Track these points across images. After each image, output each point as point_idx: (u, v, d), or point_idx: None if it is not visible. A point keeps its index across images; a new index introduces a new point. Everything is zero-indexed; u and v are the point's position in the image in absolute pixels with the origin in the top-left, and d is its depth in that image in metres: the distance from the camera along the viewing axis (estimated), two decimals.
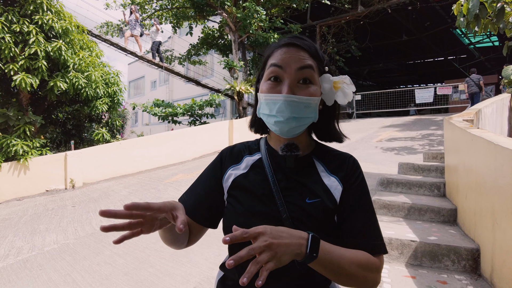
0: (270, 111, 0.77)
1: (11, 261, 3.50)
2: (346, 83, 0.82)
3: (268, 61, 0.81)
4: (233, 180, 0.84)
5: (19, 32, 7.15)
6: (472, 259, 2.35)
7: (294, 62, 0.76)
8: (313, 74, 0.78)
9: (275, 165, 0.84)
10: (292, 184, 0.80)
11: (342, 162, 0.85)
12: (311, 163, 0.85)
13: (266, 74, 0.80)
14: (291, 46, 0.79)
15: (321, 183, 0.81)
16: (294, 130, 0.79)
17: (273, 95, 0.76)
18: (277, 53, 0.79)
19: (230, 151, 0.92)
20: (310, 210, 0.76)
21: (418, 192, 3.76)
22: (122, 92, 10.01)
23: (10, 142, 6.92)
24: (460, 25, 4.02)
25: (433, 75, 24.31)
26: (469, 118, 3.96)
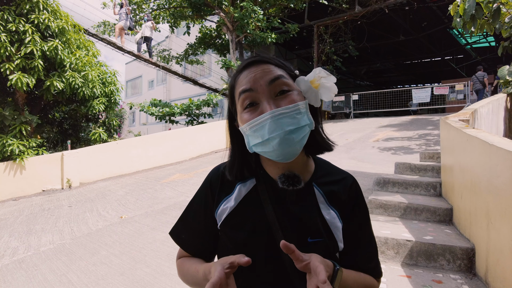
0: (262, 137, 0.67)
1: (6, 262, 3.48)
2: (323, 77, 0.75)
3: (235, 92, 0.74)
4: (226, 216, 0.77)
5: (15, 31, 7.11)
6: (467, 258, 2.36)
7: (261, 78, 0.70)
8: (287, 82, 0.71)
9: (272, 195, 0.75)
10: (291, 220, 0.73)
11: (342, 190, 0.79)
12: (311, 192, 0.77)
13: (240, 104, 0.72)
14: (250, 65, 0.73)
15: (321, 218, 0.75)
16: (295, 146, 0.68)
17: (257, 119, 0.68)
18: (240, 78, 0.73)
19: (220, 178, 0.82)
20: (312, 250, 0.68)
21: (414, 192, 3.78)
22: (119, 91, 9.98)
23: (6, 142, 6.88)
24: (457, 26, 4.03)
25: (430, 75, 24.39)
26: (465, 118, 3.98)
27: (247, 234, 0.73)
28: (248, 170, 0.80)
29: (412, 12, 14.04)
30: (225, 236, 0.77)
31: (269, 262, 0.72)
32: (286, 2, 12.32)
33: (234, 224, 0.76)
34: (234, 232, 0.75)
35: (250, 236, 0.73)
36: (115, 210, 5.08)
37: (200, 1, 11.97)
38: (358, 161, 6.41)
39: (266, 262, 0.72)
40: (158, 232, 3.98)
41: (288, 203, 0.75)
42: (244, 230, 0.74)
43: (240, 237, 0.74)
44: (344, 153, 7.30)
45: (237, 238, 0.74)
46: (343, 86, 23.02)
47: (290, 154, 0.69)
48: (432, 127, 9.58)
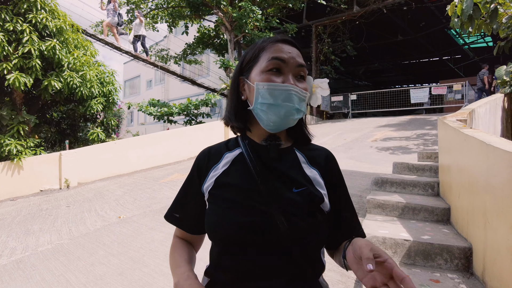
0: (274, 100, 0.77)
1: (4, 262, 3.47)
2: (321, 88, 0.88)
3: (263, 54, 0.81)
4: (215, 179, 0.82)
5: (12, 30, 7.08)
6: (464, 257, 2.37)
7: (294, 59, 0.80)
8: (306, 73, 0.83)
9: (257, 157, 0.82)
10: (276, 174, 0.80)
11: (322, 156, 0.89)
12: (293, 154, 0.86)
13: (265, 65, 0.79)
14: (289, 43, 0.83)
15: (304, 173, 0.82)
16: (289, 122, 0.80)
17: (279, 85, 0.77)
18: (275, 47, 0.81)
19: (207, 153, 0.89)
20: (298, 199, 0.76)
21: (412, 192, 3.79)
22: (117, 91, 9.96)
23: (4, 142, 6.86)
24: (455, 26, 4.05)
25: (428, 75, 24.46)
26: (462, 118, 3.99)
27: (234, 191, 0.78)
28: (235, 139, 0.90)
29: (410, 12, 14.08)
30: (214, 198, 0.80)
31: (256, 214, 0.74)
32: (285, 2, 12.33)
33: (222, 184, 0.81)
34: (222, 191, 0.80)
35: (237, 192, 0.78)
36: (113, 210, 5.07)
37: (198, 1, 11.97)
38: (356, 161, 6.43)
39: (253, 214, 0.74)
40: (157, 232, 3.97)
41: (272, 161, 0.82)
42: (232, 187, 0.79)
43: (228, 194, 0.78)
44: (342, 152, 7.31)
45: (225, 195, 0.79)
46: (341, 86, 23.04)
47: (282, 125, 0.80)
48: (430, 127, 9.61)
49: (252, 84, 0.81)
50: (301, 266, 0.74)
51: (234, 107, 0.88)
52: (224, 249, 0.77)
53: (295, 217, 0.73)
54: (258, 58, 0.82)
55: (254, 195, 0.76)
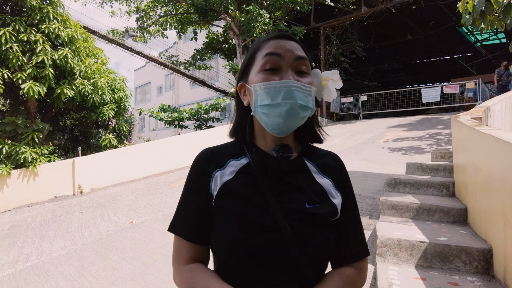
0: (273, 99, 0.70)
1: (20, 267, 3.53)
2: (332, 80, 0.81)
3: (257, 54, 0.77)
4: (220, 187, 0.74)
5: (26, 41, 7.27)
6: (484, 260, 2.30)
7: (291, 51, 0.74)
8: (309, 66, 0.76)
9: (266, 169, 0.75)
10: (288, 189, 0.74)
11: (332, 163, 0.83)
12: (303, 164, 0.79)
13: (260, 64, 0.74)
14: (283, 38, 0.77)
15: (317, 184, 0.77)
16: (296, 121, 0.72)
17: (275, 82, 0.70)
18: (270, 44, 0.75)
19: (209, 155, 0.80)
20: (311, 217, 0.71)
21: (426, 192, 3.70)
22: (128, 98, 10.10)
23: (19, 150, 7.01)
24: (466, 23, 3.96)
25: (439, 74, 24.10)
26: (477, 116, 3.90)
27: (243, 204, 0.71)
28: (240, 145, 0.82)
29: (419, 11, 13.91)
30: (220, 210, 0.73)
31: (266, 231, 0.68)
32: (292, 5, 12.32)
33: (229, 194, 0.73)
34: (229, 202, 0.72)
35: (246, 207, 0.70)
36: (125, 215, 5.11)
37: (206, 7, 12.06)
38: (368, 162, 6.34)
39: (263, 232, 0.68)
40: (169, 237, 3.98)
41: (282, 173, 0.75)
42: (239, 201, 0.71)
43: (236, 206, 0.71)
44: (353, 154, 7.23)
45: (232, 209, 0.71)
46: (351, 87, 22.87)
47: (289, 125, 0.72)
48: (443, 126, 9.43)
49: (250, 87, 0.76)
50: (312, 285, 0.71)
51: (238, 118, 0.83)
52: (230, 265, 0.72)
53: (306, 236, 0.69)
54: (254, 58, 0.77)
55: (262, 212, 0.70)
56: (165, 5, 14.28)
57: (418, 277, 2.26)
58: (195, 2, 11.74)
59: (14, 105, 8.57)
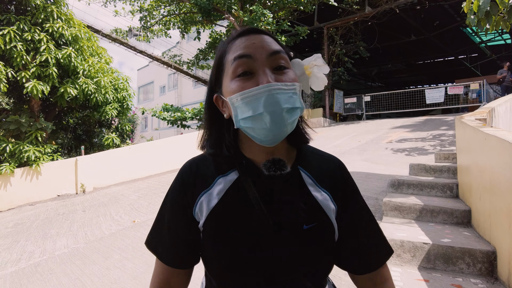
0: (254, 110, 0.60)
1: (23, 265, 3.54)
2: (317, 65, 0.72)
3: (225, 58, 0.67)
4: (210, 213, 0.67)
5: (30, 40, 7.30)
6: (488, 262, 2.28)
7: (262, 48, 0.64)
8: (286, 59, 0.67)
9: (257, 185, 0.68)
10: (282, 207, 0.67)
11: (331, 170, 0.74)
12: (297, 175, 0.71)
13: (231, 71, 0.64)
14: (249, 32, 0.67)
15: (313, 200, 0.69)
16: (287, 127, 0.63)
17: (253, 89, 0.61)
18: (236, 44, 0.66)
19: (194, 173, 0.72)
20: (309, 239, 0.65)
21: (430, 193, 3.68)
22: (131, 97, 10.13)
23: (23, 148, 7.04)
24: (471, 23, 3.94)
25: (443, 75, 23.98)
26: (481, 117, 3.87)
27: (236, 229, 0.65)
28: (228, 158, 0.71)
29: (424, 11, 13.84)
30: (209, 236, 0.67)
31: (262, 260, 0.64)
32: (296, 5, 12.30)
33: (219, 222, 0.66)
34: (221, 226, 0.65)
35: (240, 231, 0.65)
36: (128, 215, 5.12)
37: (209, 6, 12.08)
38: (371, 163, 6.31)
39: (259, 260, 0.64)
40: None
41: (276, 191, 0.68)
42: (232, 224, 0.65)
43: (228, 231, 0.65)
44: (356, 155, 7.20)
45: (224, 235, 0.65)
46: (354, 87, 22.80)
47: (279, 135, 0.63)
48: (447, 128, 9.38)
49: (226, 99, 0.66)
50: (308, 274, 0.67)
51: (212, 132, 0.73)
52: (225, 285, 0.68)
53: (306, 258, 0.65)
54: (222, 65, 0.68)
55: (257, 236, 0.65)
56: (169, 5, 14.32)
57: (421, 279, 2.24)
58: (198, 1, 11.75)
59: (18, 104, 8.61)
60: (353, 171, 5.73)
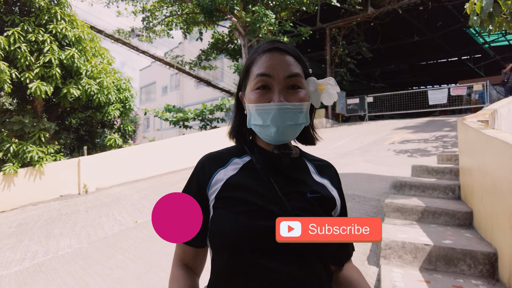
0: (263, 121, 0.75)
1: (27, 265, 3.57)
2: (330, 84, 0.83)
3: (251, 69, 0.79)
4: (225, 182, 0.76)
5: (34, 41, 7.35)
6: (489, 263, 2.28)
7: (281, 70, 0.75)
8: (301, 80, 0.77)
9: (268, 165, 0.79)
10: (289, 181, 0.78)
11: (327, 169, 0.88)
12: (303, 163, 0.85)
13: (253, 83, 0.77)
14: (275, 51, 0.77)
15: (315, 181, 0.81)
16: (289, 137, 0.77)
17: (265, 105, 0.74)
18: (261, 60, 0.77)
19: (212, 156, 0.84)
20: (313, 204, 0.75)
21: (432, 195, 3.68)
22: (133, 97, 10.16)
23: (26, 149, 7.09)
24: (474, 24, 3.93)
25: (446, 76, 23.90)
26: (484, 119, 3.87)
27: (247, 194, 0.74)
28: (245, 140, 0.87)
29: (427, 12, 13.82)
30: (223, 201, 0.74)
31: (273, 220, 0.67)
32: (298, 5, 12.31)
33: (233, 186, 0.76)
34: (234, 193, 0.74)
35: (251, 195, 0.73)
36: (130, 215, 5.14)
37: (212, 7, 12.10)
38: (373, 164, 6.31)
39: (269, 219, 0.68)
40: None
41: (284, 168, 0.79)
42: (244, 190, 0.74)
43: (241, 196, 0.73)
44: (359, 156, 7.20)
45: (237, 197, 0.73)
46: (357, 88, 22.77)
47: (283, 141, 0.78)
48: (449, 129, 9.36)
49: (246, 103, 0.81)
50: (317, 271, 0.72)
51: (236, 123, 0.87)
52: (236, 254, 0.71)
53: None
54: (249, 73, 0.80)
55: (268, 200, 0.73)
56: (171, 5, 14.35)
57: (422, 280, 2.25)
58: (201, 2, 11.78)
59: (22, 104, 8.67)
60: (355, 172, 5.73)
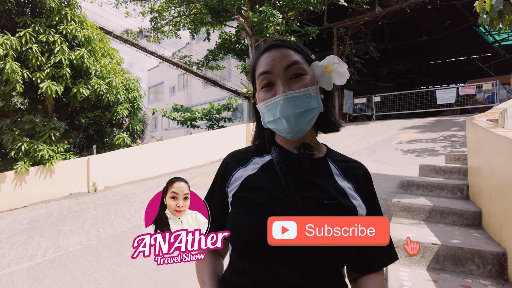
0: (274, 116, 0.76)
1: (38, 261, 3.64)
2: (336, 63, 0.81)
3: (256, 71, 0.82)
4: (242, 181, 0.78)
5: (45, 42, 7.47)
6: (498, 263, 2.26)
7: (279, 63, 0.77)
8: (303, 67, 0.78)
9: (288, 166, 0.79)
10: (308, 185, 0.76)
11: (355, 170, 0.84)
12: (326, 164, 0.82)
13: (259, 84, 0.80)
14: (271, 48, 0.80)
15: (337, 185, 0.78)
16: (304, 126, 0.77)
17: (271, 100, 0.76)
18: (261, 60, 0.81)
19: (234, 155, 0.87)
20: (329, 212, 0.72)
21: (439, 195, 3.66)
22: (142, 97, 10.26)
23: (37, 147, 7.21)
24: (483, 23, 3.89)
25: (455, 75, 23.61)
26: (493, 118, 3.83)
27: (262, 195, 0.74)
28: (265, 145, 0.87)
29: (435, 11, 13.67)
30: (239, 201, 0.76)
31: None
32: (305, 5, 12.28)
33: (249, 186, 0.77)
34: (249, 194, 0.76)
35: (265, 198, 0.73)
36: (138, 213, 5.20)
37: (219, 7, 12.13)
38: (381, 164, 6.28)
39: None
40: None
41: (304, 171, 0.78)
42: (259, 191, 0.75)
43: (255, 198, 0.74)
44: (366, 155, 7.17)
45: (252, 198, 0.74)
46: (365, 88, 22.61)
47: (299, 132, 0.77)
48: (457, 128, 9.26)
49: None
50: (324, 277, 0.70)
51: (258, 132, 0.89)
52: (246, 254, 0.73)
53: None
54: (255, 76, 0.83)
55: (282, 204, 0.72)
56: (179, 6, 14.43)
57: (429, 279, 2.24)
58: (208, 2, 11.83)
59: (33, 104, 8.82)
60: None
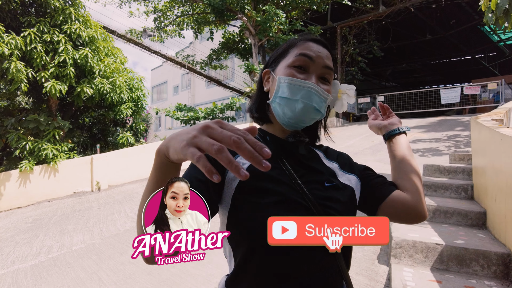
0: (292, 95, 0.77)
1: (42, 259, 3.66)
2: (348, 95, 0.88)
3: (291, 50, 0.82)
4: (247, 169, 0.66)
5: (49, 41, 7.50)
6: (503, 264, 2.25)
7: (322, 59, 0.80)
8: (332, 76, 0.83)
9: (284, 153, 0.80)
10: (307, 170, 0.80)
11: (331, 150, 0.92)
12: (313, 151, 0.88)
13: (292, 60, 0.80)
14: (319, 43, 0.83)
15: (326, 167, 0.84)
16: (306, 120, 0.80)
17: (300, 81, 0.77)
18: (306, 45, 0.81)
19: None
20: (332, 193, 0.76)
21: (444, 195, 3.63)
22: (145, 97, 10.28)
23: (41, 146, 7.25)
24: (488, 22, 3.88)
25: (459, 75, 23.44)
26: (498, 118, 3.80)
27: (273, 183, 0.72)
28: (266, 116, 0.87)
29: (439, 10, 13.58)
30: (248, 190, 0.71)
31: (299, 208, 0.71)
32: (308, 4, 12.26)
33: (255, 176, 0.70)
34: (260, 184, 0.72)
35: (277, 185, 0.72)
36: None
37: (222, 7, 12.14)
38: (384, 164, 6.25)
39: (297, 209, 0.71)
40: None
41: (300, 156, 0.82)
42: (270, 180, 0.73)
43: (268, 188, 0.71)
44: (369, 155, 7.14)
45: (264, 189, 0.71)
46: (368, 87, 22.54)
47: (300, 122, 0.80)
48: (462, 128, 9.20)
49: (275, 77, 0.82)
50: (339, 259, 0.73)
51: (256, 99, 0.90)
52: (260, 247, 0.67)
53: (333, 211, 0.74)
54: (287, 53, 0.83)
55: (292, 191, 0.73)
56: (182, 5, 14.46)
57: (433, 280, 2.23)
58: (211, 2, 11.84)
59: (37, 103, 8.87)
60: None
